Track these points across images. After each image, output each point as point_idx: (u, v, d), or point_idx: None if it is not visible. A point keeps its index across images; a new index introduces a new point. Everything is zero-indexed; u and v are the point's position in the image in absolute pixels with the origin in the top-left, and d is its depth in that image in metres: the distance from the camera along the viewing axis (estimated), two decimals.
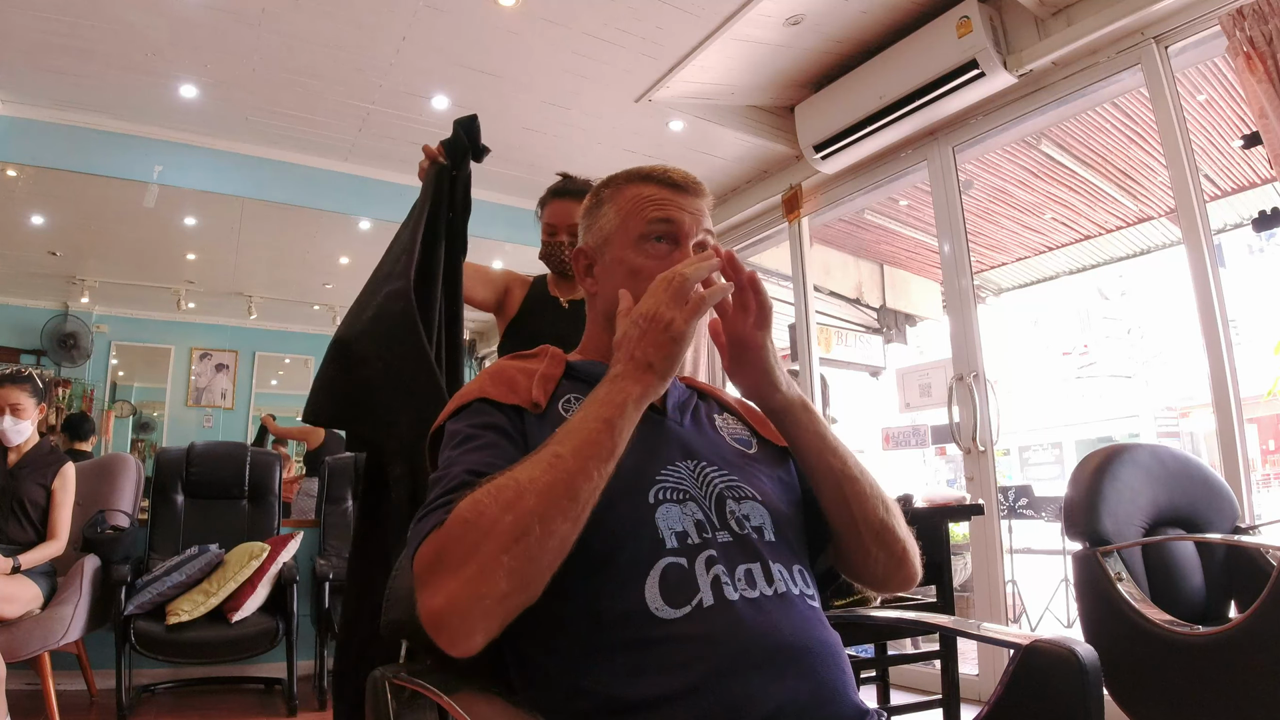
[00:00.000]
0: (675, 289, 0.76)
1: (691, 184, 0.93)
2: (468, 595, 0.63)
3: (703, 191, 0.94)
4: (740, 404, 1.03)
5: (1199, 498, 2.03)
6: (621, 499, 0.77)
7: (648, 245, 0.90)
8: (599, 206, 0.95)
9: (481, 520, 0.65)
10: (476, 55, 3.02)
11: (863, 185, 3.58)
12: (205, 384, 6.36)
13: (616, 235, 0.92)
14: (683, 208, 0.90)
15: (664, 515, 0.77)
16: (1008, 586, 3.44)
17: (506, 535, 0.64)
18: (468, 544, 0.64)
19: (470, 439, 0.80)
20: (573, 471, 0.68)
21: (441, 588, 0.64)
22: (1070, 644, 0.80)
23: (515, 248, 4.77)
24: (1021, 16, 2.73)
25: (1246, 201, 4.09)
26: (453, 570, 0.64)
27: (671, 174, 0.92)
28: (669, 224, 0.89)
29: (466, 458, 0.77)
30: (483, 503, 0.66)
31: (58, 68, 3.02)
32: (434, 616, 0.64)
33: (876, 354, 5.95)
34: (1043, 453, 14.75)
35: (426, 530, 0.69)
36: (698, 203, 0.92)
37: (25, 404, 2.64)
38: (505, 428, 0.82)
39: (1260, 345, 9.03)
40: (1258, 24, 2.17)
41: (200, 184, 3.60)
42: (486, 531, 0.64)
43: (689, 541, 0.76)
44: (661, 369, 0.75)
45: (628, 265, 0.89)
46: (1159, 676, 1.69)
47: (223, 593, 2.86)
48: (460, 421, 0.84)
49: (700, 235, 0.91)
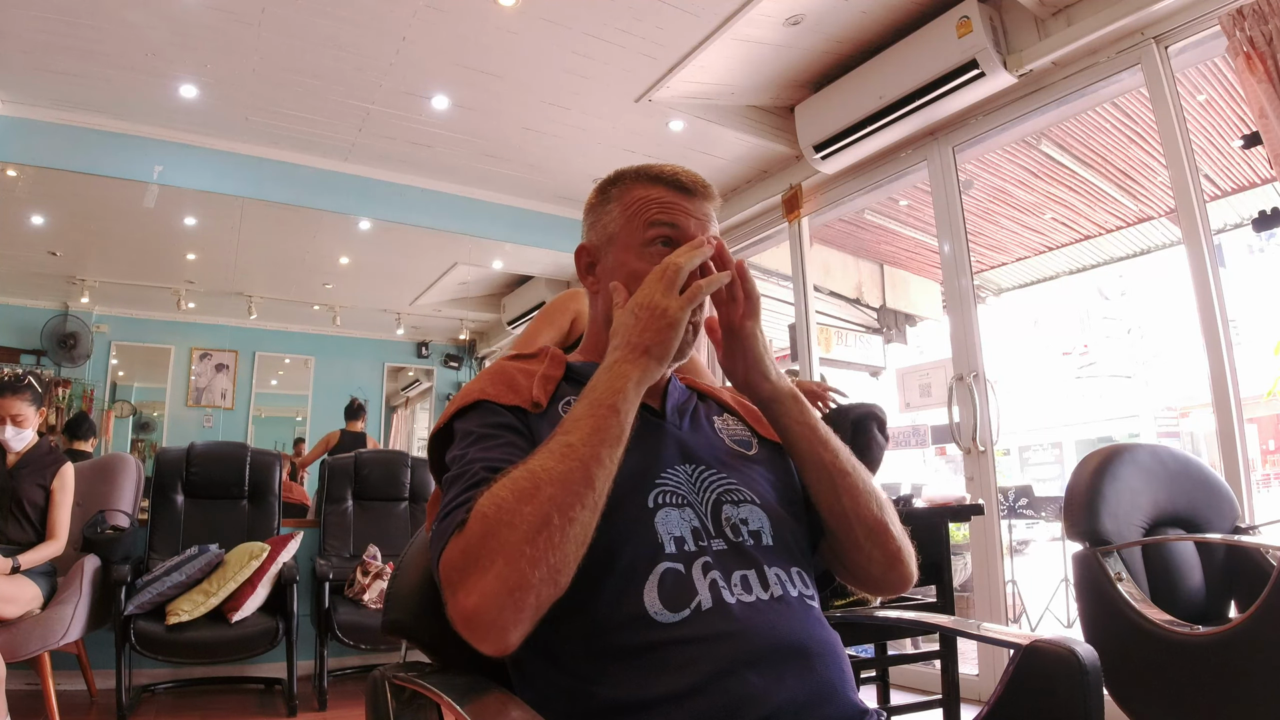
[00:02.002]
0: (669, 278, 0.78)
1: (700, 187, 0.92)
2: (498, 591, 0.63)
3: (711, 195, 0.93)
4: (740, 404, 1.03)
5: (1199, 498, 2.03)
6: (621, 502, 0.77)
7: (650, 249, 0.89)
8: (605, 204, 0.94)
9: (503, 514, 0.65)
10: (476, 55, 3.02)
11: (863, 185, 3.58)
12: (205, 384, 6.36)
13: (620, 236, 0.91)
14: (689, 212, 0.89)
15: (663, 519, 0.77)
16: (1008, 586, 3.44)
17: (529, 527, 0.64)
18: (493, 541, 0.64)
19: (483, 437, 0.80)
20: (585, 458, 0.68)
21: (474, 588, 0.64)
22: (1070, 644, 0.80)
23: (515, 248, 4.78)
24: (1021, 16, 2.73)
25: (1246, 201, 4.09)
26: (482, 569, 0.64)
27: (680, 176, 0.91)
28: (673, 229, 0.88)
29: (483, 455, 0.77)
30: (501, 496, 0.66)
31: (58, 68, 3.02)
32: (468, 616, 0.64)
33: (876, 354, 5.95)
34: (1043, 453, 14.75)
35: (450, 532, 0.68)
36: (705, 206, 0.91)
37: (26, 413, 2.64)
38: (515, 425, 0.82)
39: (1260, 345, 9.02)
40: (1258, 24, 2.17)
41: (200, 184, 3.60)
42: (509, 524, 0.64)
43: (686, 548, 0.76)
44: (658, 353, 0.76)
45: (628, 268, 0.89)
46: (1159, 676, 1.69)
47: (223, 593, 2.86)
48: (469, 421, 0.84)
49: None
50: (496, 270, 5.59)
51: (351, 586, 3.32)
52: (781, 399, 0.88)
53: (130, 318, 6.12)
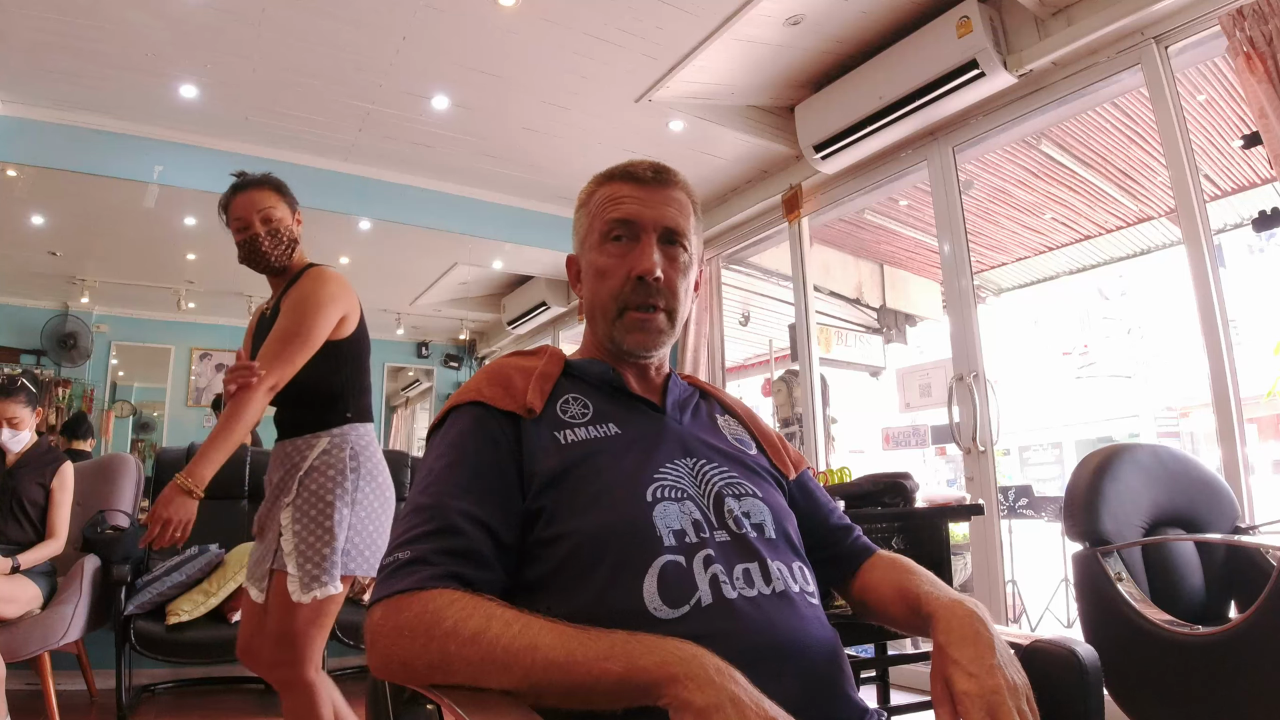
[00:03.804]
0: None
1: (659, 174, 0.92)
2: (396, 671, 0.67)
3: (674, 181, 0.92)
4: (744, 410, 1.04)
5: (1199, 498, 2.03)
6: (619, 498, 0.77)
7: (609, 245, 0.90)
8: (579, 211, 0.96)
9: (435, 630, 0.65)
10: (476, 55, 3.02)
11: (863, 185, 3.58)
12: (205, 384, 6.36)
13: (588, 237, 0.93)
14: (644, 202, 0.90)
15: (661, 513, 0.77)
16: (1008, 586, 3.44)
17: (443, 659, 0.64)
18: (414, 642, 0.65)
19: (458, 464, 0.79)
20: (533, 666, 0.62)
21: (379, 651, 0.67)
22: (1070, 644, 0.80)
23: (515, 248, 4.78)
24: (1021, 16, 2.73)
25: (1246, 201, 4.09)
26: (404, 647, 0.66)
27: (635, 168, 0.92)
28: (625, 223, 0.89)
29: (454, 491, 0.76)
30: (445, 616, 0.65)
31: (58, 68, 3.02)
32: (372, 666, 0.68)
33: (876, 354, 5.95)
34: (1043, 453, 14.74)
35: (394, 589, 0.68)
36: (666, 193, 0.91)
37: (21, 415, 2.64)
38: (501, 440, 0.81)
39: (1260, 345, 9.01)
40: (1258, 24, 2.17)
41: (200, 184, 3.60)
42: (430, 645, 0.65)
43: (687, 540, 0.75)
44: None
45: (594, 266, 0.91)
46: (1159, 676, 1.69)
47: (223, 593, 2.86)
48: (461, 421, 0.84)
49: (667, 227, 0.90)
50: (496, 270, 5.59)
51: (351, 587, 3.32)
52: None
53: (130, 318, 6.12)
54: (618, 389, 0.91)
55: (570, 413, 0.86)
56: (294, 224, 1.86)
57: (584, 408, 0.87)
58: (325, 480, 1.66)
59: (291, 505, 1.64)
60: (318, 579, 1.61)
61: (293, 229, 1.84)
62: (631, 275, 0.88)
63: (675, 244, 0.91)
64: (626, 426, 0.86)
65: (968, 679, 0.66)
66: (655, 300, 0.88)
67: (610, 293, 0.89)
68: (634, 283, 0.87)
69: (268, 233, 1.78)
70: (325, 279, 1.78)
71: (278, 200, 1.82)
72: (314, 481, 1.66)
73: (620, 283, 0.88)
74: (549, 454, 0.81)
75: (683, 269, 0.91)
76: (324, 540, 1.62)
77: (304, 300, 1.71)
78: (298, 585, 1.59)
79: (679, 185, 0.93)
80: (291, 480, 1.67)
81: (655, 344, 0.90)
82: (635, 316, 0.88)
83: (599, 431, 0.84)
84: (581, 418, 0.86)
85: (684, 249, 0.91)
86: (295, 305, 1.71)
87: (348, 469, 1.69)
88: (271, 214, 1.79)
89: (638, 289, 0.88)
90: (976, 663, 0.67)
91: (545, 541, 0.76)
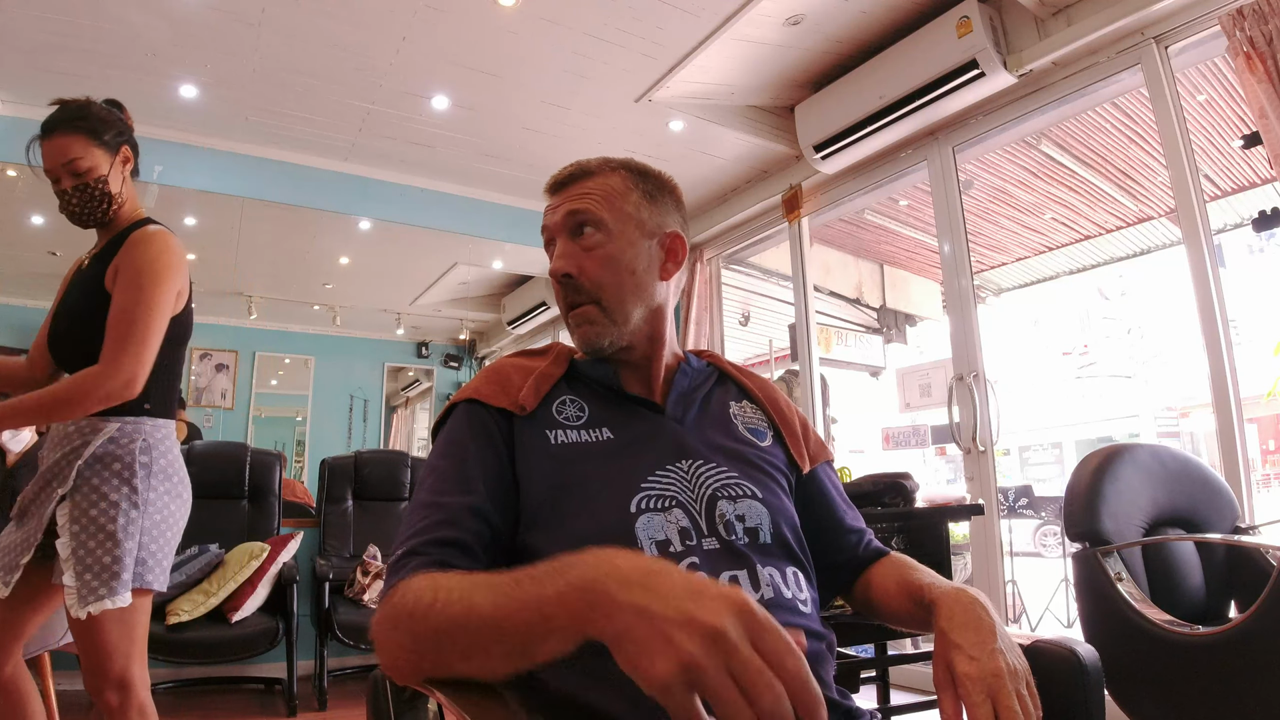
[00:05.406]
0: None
1: (571, 175, 0.92)
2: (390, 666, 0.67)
3: (587, 171, 0.91)
4: (766, 395, 0.99)
5: (1199, 498, 2.03)
6: (602, 509, 0.77)
7: (549, 252, 0.93)
8: None
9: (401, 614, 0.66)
10: (476, 55, 3.02)
11: (863, 185, 3.58)
12: (205, 384, 6.35)
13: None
14: (554, 209, 0.91)
15: (644, 525, 0.76)
16: (1008, 586, 3.45)
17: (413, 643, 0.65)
18: (395, 634, 0.66)
19: (456, 459, 0.81)
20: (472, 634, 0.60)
21: (384, 649, 0.68)
22: (1070, 644, 0.80)
23: (515, 248, 4.77)
24: (1021, 16, 2.73)
25: (1246, 201, 4.09)
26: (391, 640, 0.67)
27: (556, 177, 0.93)
28: (547, 233, 0.92)
29: (451, 487, 0.78)
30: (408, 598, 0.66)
31: (58, 68, 3.02)
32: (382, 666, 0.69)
33: (876, 354, 5.95)
34: (1043, 453, 14.73)
35: (387, 586, 0.70)
36: (575, 189, 0.90)
37: None
38: (493, 433, 0.83)
39: (1260, 345, 9.01)
40: (1258, 24, 2.17)
41: (200, 184, 3.60)
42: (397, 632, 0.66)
43: (671, 550, 0.75)
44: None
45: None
46: (1159, 676, 1.69)
47: (223, 593, 2.86)
48: (452, 424, 0.85)
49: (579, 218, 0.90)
50: (496, 270, 5.59)
51: (352, 586, 3.32)
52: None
53: None
54: (616, 391, 0.90)
55: (565, 414, 0.86)
56: (116, 169, 1.58)
57: (580, 410, 0.87)
58: (109, 475, 1.43)
59: (69, 501, 1.41)
60: (96, 591, 1.36)
61: (109, 179, 1.56)
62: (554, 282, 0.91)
63: (582, 229, 0.88)
64: (621, 431, 0.85)
65: (969, 662, 0.67)
66: (574, 297, 0.89)
67: (559, 303, 0.92)
68: (558, 288, 0.90)
69: (75, 189, 1.53)
70: (163, 246, 1.53)
71: (86, 145, 1.55)
72: (95, 475, 1.42)
73: (557, 292, 0.91)
74: (538, 455, 0.81)
75: (599, 250, 0.88)
76: (105, 547, 1.38)
77: (141, 273, 1.47)
78: (75, 598, 1.35)
79: (597, 173, 0.91)
80: (69, 467, 1.42)
81: (595, 335, 0.87)
82: (570, 317, 0.90)
83: (590, 436, 0.84)
84: (576, 420, 0.86)
85: (595, 228, 0.88)
86: (133, 279, 1.47)
87: (137, 464, 1.45)
88: (79, 165, 1.53)
89: (562, 292, 0.90)
90: (978, 647, 0.68)
91: (529, 550, 0.77)
